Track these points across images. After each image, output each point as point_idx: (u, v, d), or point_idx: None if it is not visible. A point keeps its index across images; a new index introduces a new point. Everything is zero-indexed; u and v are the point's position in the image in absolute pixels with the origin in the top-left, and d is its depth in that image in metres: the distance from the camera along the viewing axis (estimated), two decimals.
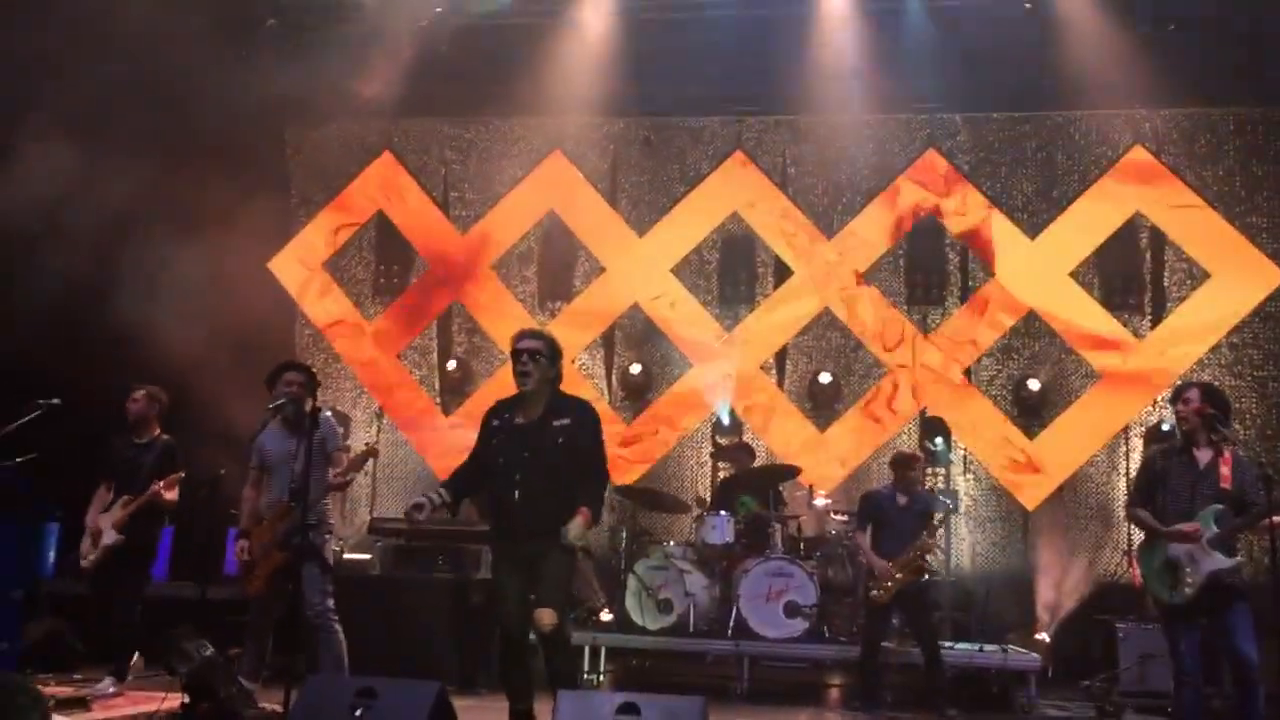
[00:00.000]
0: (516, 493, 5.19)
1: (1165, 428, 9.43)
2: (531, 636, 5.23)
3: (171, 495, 6.98)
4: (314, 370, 7.08)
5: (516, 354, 5.33)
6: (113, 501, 6.99)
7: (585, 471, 5.30)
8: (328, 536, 6.25)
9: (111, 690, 6.67)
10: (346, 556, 8.57)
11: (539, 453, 5.21)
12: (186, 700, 5.58)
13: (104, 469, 7.16)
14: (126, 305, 9.04)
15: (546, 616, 5.06)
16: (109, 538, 6.85)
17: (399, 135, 11.24)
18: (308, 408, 5.94)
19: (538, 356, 5.30)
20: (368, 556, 8.50)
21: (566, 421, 5.27)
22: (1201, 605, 5.34)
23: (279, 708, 5.33)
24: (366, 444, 6.75)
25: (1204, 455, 5.48)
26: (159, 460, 7.02)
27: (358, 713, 4.73)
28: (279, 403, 6.16)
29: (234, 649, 6.13)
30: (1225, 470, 5.37)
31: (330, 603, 6.11)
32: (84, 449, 7.25)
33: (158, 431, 7.19)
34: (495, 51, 10.09)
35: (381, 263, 11.28)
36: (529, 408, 5.33)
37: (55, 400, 6.80)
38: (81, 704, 6.35)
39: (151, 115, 8.93)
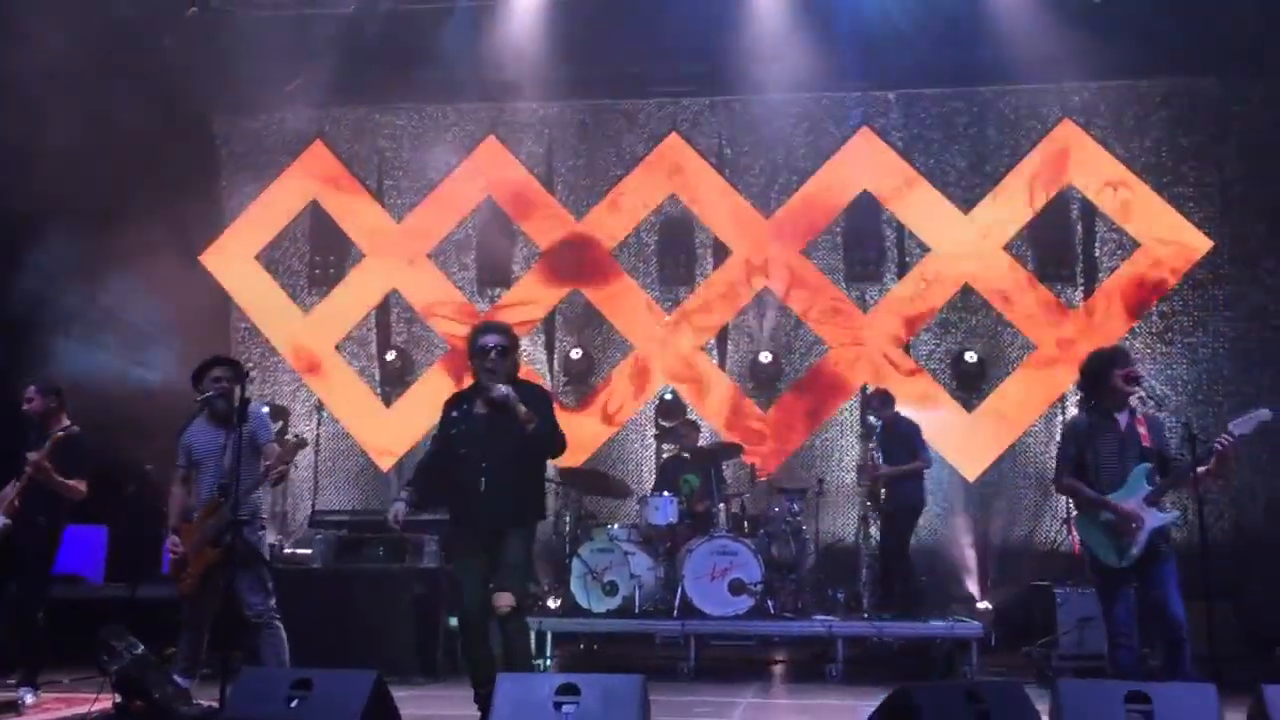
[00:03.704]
0: (482, 481, 5.24)
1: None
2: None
3: (76, 484, 6.52)
4: (249, 364, 6.97)
5: (483, 350, 5.32)
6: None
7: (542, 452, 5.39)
8: (261, 532, 6.12)
9: (30, 701, 6.40)
10: (287, 551, 8.46)
11: (502, 441, 5.23)
12: (118, 700, 5.48)
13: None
14: (56, 302, 8.84)
15: (504, 600, 5.17)
16: None
17: (330, 123, 11.08)
18: (236, 401, 5.84)
19: (504, 351, 5.34)
20: (309, 551, 8.39)
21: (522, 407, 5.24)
22: (1140, 564, 5.42)
23: (215, 704, 5.25)
24: (295, 435, 6.62)
25: (1123, 418, 5.58)
26: (52, 450, 6.52)
27: (293, 704, 4.69)
28: (208, 395, 6.03)
29: (169, 648, 6.01)
30: (1142, 430, 5.51)
31: (271, 602, 5.94)
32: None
33: (66, 423, 6.69)
34: (426, 36, 9.97)
35: (316, 253, 11.12)
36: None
37: None
38: (12, 708, 6.21)
39: (72, 109, 8.69)
